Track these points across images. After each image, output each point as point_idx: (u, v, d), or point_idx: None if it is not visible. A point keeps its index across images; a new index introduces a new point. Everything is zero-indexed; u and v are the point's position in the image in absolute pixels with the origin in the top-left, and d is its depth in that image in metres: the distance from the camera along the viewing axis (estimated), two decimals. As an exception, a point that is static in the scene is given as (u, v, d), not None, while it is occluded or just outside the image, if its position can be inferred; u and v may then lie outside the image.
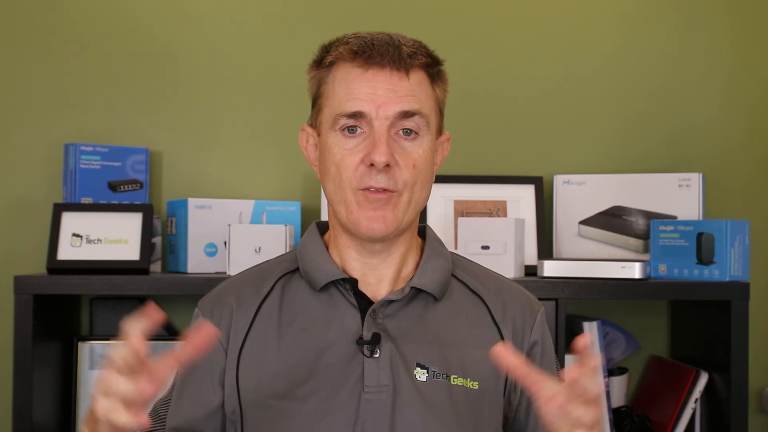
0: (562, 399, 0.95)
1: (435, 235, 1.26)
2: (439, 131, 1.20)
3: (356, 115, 1.11)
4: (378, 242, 1.16)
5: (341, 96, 1.13)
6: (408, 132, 1.13)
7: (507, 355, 0.96)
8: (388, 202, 1.12)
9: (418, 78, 1.14)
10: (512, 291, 1.24)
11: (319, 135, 1.18)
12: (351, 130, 1.12)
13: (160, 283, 1.69)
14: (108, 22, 1.98)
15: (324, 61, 1.16)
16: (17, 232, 1.94)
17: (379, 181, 1.11)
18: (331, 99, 1.14)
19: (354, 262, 1.18)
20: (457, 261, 1.25)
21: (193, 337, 0.94)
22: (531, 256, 1.91)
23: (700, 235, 1.73)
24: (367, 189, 1.12)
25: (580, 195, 1.96)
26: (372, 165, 1.10)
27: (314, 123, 1.20)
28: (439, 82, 1.18)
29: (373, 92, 1.11)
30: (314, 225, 1.25)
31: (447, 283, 1.20)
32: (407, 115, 1.12)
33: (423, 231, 1.26)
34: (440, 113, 1.19)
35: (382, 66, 1.12)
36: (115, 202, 1.88)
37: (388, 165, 1.10)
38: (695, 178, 1.89)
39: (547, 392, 0.96)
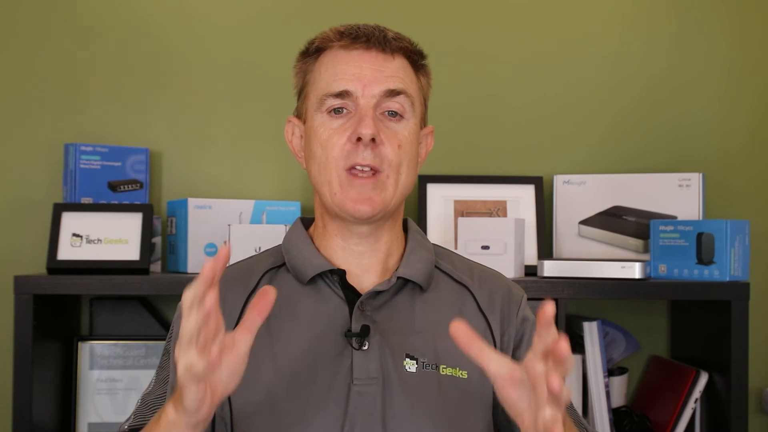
0: (518, 378, 0.91)
1: (417, 227, 1.26)
2: (423, 122, 1.21)
3: (342, 95, 1.13)
4: (365, 224, 1.16)
5: (328, 78, 1.15)
6: (393, 114, 1.15)
7: (462, 332, 0.93)
8: (375, 186, 1.13)
9: (402, 63, 1.17)
10: (495, 280, 1.25)
11: (305, 122, 1.19)
12: (337, 111, 1.14)
13: (160, 283, 1.69)
14: (108, 22, 1.98)
15: (310, 48, 1.19)
16: (17, 232, 1.94)
17: (366, 157, 1.12)
18: (318, 83, 1.16)
19: (341, 251, 1.18)
20: (439, 252, 1.26)
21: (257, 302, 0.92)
22: (531, 256, 1.90)
23: (700, 235, 1.73)
24: (353, 168, 1.12)
25: (580, 195, 1.96)
26: (359, 140, 1.11)
27: (299, 112, 1.21)
28: (423, 74, 1.21)
29: (359, 71, 1.14)
30: (298, 220, 1.26)
31: (432, 274, 1.20)
32: (393, 93, 1.14)
33: (405, 224, 1.26)
34: (424, 104, 1.21)
35: (368, 47, 1.15)
36: (115, 202, 1.88)
37: (374, 140, 1.11)
38: (695, 178, 1.89)
39: (500, 370, 0.91)
